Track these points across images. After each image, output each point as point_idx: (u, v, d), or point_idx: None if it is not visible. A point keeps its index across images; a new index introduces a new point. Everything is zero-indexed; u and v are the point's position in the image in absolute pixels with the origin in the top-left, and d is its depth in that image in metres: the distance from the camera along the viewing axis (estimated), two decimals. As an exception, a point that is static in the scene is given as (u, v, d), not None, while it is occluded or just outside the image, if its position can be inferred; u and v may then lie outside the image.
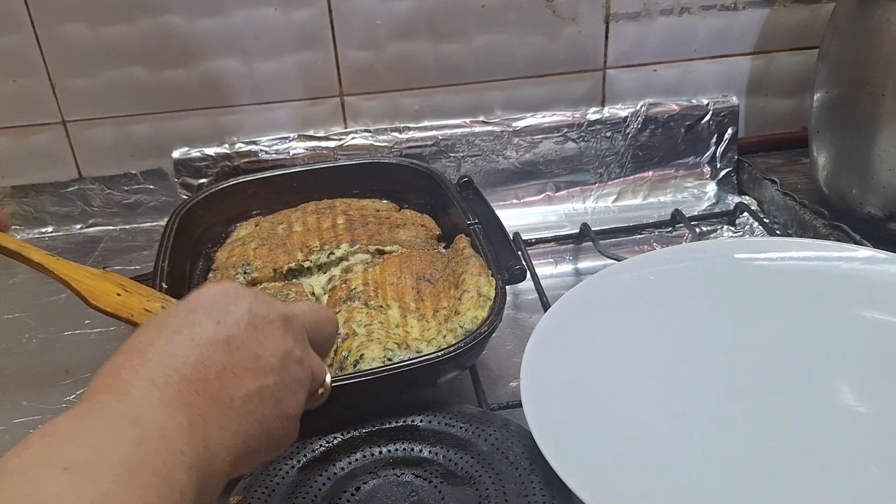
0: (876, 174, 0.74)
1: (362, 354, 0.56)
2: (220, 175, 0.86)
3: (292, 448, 0.53)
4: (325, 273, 0.70)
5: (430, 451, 0.52)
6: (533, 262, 0.76)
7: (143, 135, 0.86)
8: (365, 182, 0.82)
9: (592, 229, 0.81)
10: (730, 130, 0.90)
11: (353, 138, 0.87)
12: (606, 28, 0.86)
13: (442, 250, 0.72)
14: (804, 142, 0.84)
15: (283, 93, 0.86)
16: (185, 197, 0.83)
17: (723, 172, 0.91)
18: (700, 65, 0.89)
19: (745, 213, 0.85)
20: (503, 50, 0.86)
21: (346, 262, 0.70)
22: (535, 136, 0.88)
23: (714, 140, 0.90)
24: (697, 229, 0.84)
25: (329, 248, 0.70)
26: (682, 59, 0.89)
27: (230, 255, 0.72)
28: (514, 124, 0.88)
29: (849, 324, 0.60)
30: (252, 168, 0.85)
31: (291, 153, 0.86)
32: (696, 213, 0.87)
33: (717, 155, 0.90)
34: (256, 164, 0.86)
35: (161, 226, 0.78)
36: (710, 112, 0.89)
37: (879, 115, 0.71)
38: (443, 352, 0.54)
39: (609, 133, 0.89)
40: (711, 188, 0.91)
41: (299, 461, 0.52)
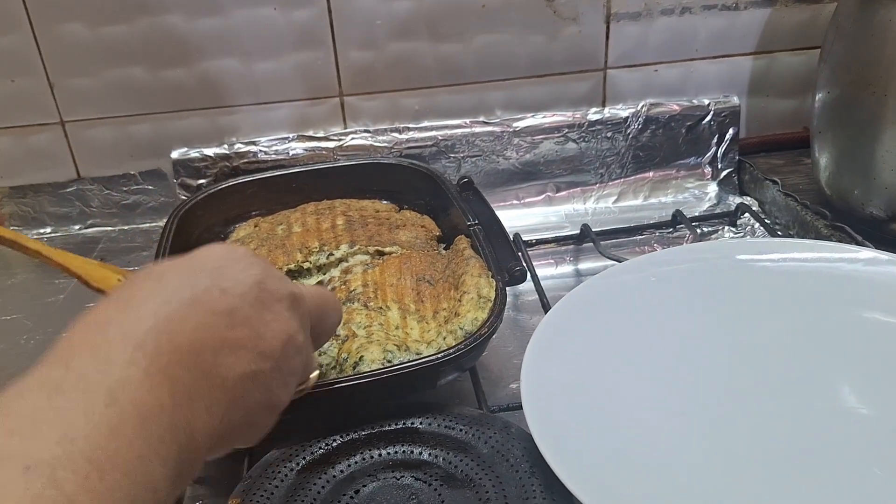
0: (878, 175, 0.73)
1: (362, 356, 0.56)
2: (219, 176, 0.85)
3: (291, 450, 0.52)
4: (325, 274, 0.69)
5: (429, 454, 0.52)
6: (533, 263, 0.76)
7: (141, 135, 0.86)
8: (365, 183, 0.81)
9: (593, 230, 0.81)
10: (731, 131, 0.90)
11: (352, 139, 0.87)
12: (607, 28, 0.86)
13: (442, 251, 0.72)
14: (806, 142, 0.84)
15: (283, 93, 0.85)
16: (183, 197, 0.83)
17: (724, 173, 0.90)
18: (701, 65, 0.89)
19: (747, 214, 0.85)
20: (503, 50, 0.85)
21: (345, 264, 0.69)
22: (535, 137, 0.88)
23: (715, 140, 0.90)
24: (698, 230, 0.84)
25: (328, 249, 0.70)
26: (683, 59, 0.88)
27: (229, 256, 0.72)
28: (515, 124, 0.88)
29: (851, 325, 0.59)
30: (251, 169, 0.85)
31: (291, 154, 0.86)
32: (697, 214, 0.87)
33: (719, 155, 0.90)
34: (255, 164, 0.85)
35: (160, 226, 0.78)
36: (712, 112, 0.89)
37: (882, 115, 0.71)
38: (442, 354, 0.54)
39: (610, 133, 0.89)
40: (712, 189, 0.90)
41: (298, 464, 0.51)
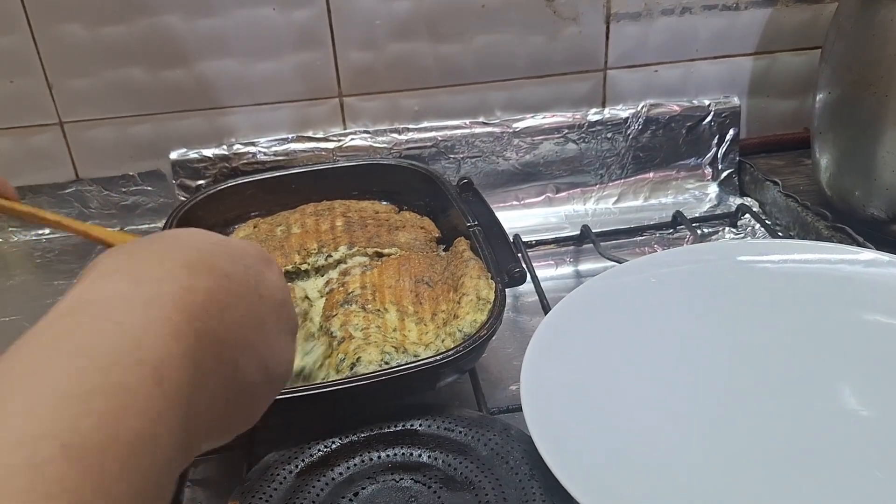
0: (879, 176, 0.73)
1: (359, 358, 0.55)
2: (219, 176, 0.85)
3: (290, 452, 0.52)
4: (323, 276, 0.69)
5: (429, 456, 0.52)
6: (533, 264, 0.76)
7: (140, 136, 0.86)
8: (364, 183, 0.81)
9: (593, 231, 0.81)
10: (731, 131, 0.89)
11: (352, 139, 0.86)
12: (607, 28, 0.85)
13: (441, 253, 0.71)
14: (806, 143, 0.84)
15: (282, 93, 0.85)
16: (183, 198, 0.83)
17: (724, 174, 0.90)
18: (701, 65, 0.89)
19: (747, 215, 0.85)
20: (503, 50, 0.85)
21: (343, 265, 0.69)
22: (535, 137, 0.88)
23: (715, 141, 0.90)
24: (699, 231, 0.84)
25: (327, 251, 0.70)
26: (684, 59, 0.88)
27: (228, 257, 0.72)
28: (515, 125, 0.87)
29: (851, 327, 0.59)
30: (250, 169, 0.85)
31: (290, 154, 0.86)
32: (697, 215, 0.86)
33: (719, 156, 0.90)
34: (255, 165, 0.85)
35: (159, 227, 0.78)
36: (712, 113, 0.89)
37: (883, 115, 0.71)
38: (441, 356, 0.54)
39: (610, 134, 0.88)
40: (713, 189, 0.90)
41: (297, 466, 0.51)
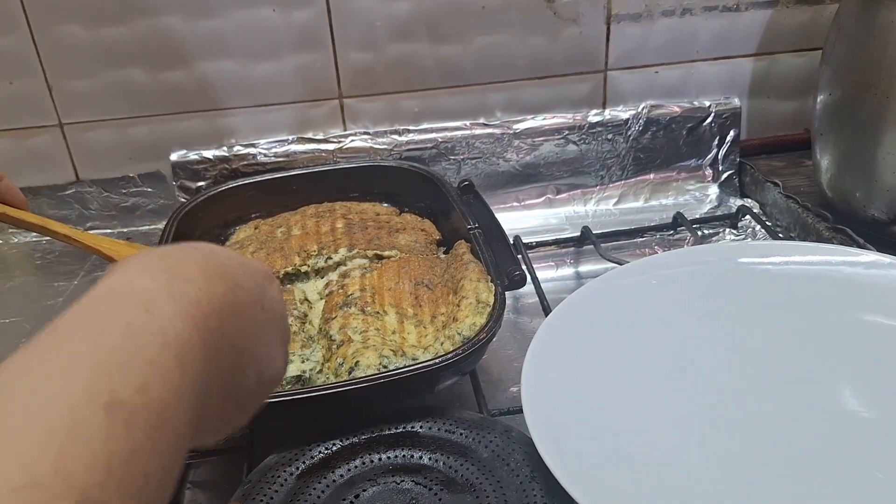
0: (880, 177, 0.73)
1: (357, 361, 0.55)
2: (219, 178, 0.85)
3: (291, 454, 0.52)
4: (323, 278, 0.69)
5: (430, 458, 0.52)
6: (533, 266, 0.76)
7: (140, 137, 0.86)
8: (365, 185, 0.81)
9: (593, 232, 0.81)
10: (732, 132, 0.89)
11: (352, 140, 0.86)
12: (608, 29, 0.85)
13: (441, 255, 0.71)
14: (807, 144, 0.84)
15: (282, 95, 0.85)
16: (183, 200, 0.83)
17: (725, 175, 0.90)
18: (702, 66, 0.89)
19: (748, 216, 0.85)
20: (503, 51, 0.85)
21: (343, 267, 0.69)
22: (535, 139, 0.88)
23: (716, 142, 0.90)
24: (699, 232, 0.84)
25: (327, 253, 0.70)
26: (684, 60, 0.88)
27: (228, 259, 0.71)
28: (515, 126, 0.87)
29: (852, 328, 0.59)
30: (250, 171, 0.85)
31: (290, 156, 0.86)
32: (697, 216, 0.86)
33: (719, 157, 0.90)
34: (255, 166, 0.85)
35: (159, 229, 0.78)
36: (712, 114, 0.89)
37: (884, 116, 0.71)
38: (440, 359, 0.54)
39: (610, 135, 0.88)
40: (713, 191, 0.90)
41: (298, 468, 0.51)
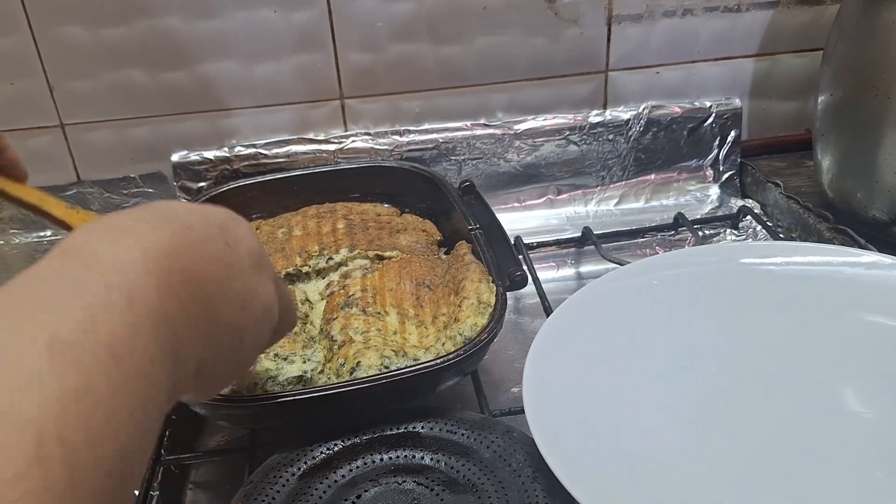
0: (881, 177, 0.73)
1: (359, 362, 0.55)
2: (220, 178, 0.85)
3: (292, 455, 0.52)
4: (324, 278, 0.69)
5: (431, 459, 0.52)
6: (535, 266, 0.76)
7: (141, 138, 0.86)
8: (366, 186, 0.81)
9: (594, 233, 0.81)
10: (733, 133, 0.89)
11: (353, 141, 0.86)
12: (609, 30, 0.85)
13: (442, 256, 0.71)
14: (808, 144, 0.84)
15: (283, 95, 0.85)
16: (184, 200, 0.83)
17: (726, 175, 0.90)
18: (703, 67, 0.89)
19: (749, 217, 0.85)
20: (504, 52, 0.85)
21: (344, 268, 0.69)
22: (536, 139, 0.88)
23: (717, 143, 0.90)
24: (700, 233, 0.84)
25: (328, 253, 0.70)
26: (685, 61, 0.88)
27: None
28: (516, 127, 0.87)
29: (853, 329, 0.59)
30: (252, 171, 0.85)
31: (291, 156, 0.86)
32: (698, 217, 0.86)
33: (720, 158, 0.90)
34: (256, 167, 0.85)
35: (160, 230, 0.77)
36: (713, 114, 0.89)
37: (885, 117, 0.71)
38: (441, 359, 0.54)
39: (611, 136, 0.88)
40: (714, 191, 0.90)
41: (299, 469, 0.51)
